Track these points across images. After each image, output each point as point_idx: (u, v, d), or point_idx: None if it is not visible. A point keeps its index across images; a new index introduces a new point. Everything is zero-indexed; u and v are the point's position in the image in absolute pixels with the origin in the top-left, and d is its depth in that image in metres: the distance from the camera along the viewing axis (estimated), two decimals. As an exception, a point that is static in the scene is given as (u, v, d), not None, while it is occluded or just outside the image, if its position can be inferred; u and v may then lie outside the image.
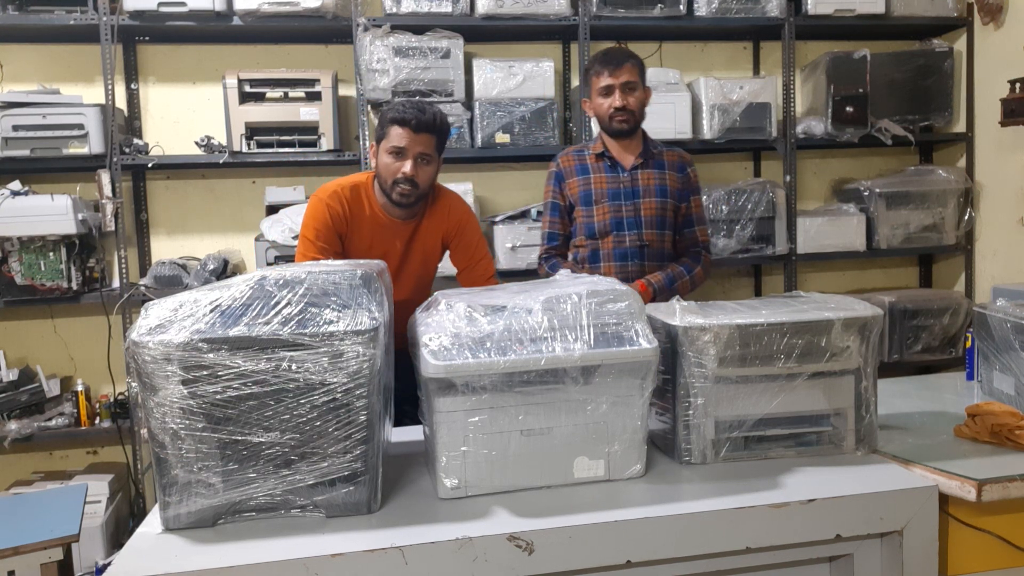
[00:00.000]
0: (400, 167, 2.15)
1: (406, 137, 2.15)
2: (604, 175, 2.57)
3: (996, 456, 1.57)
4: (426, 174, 2.19)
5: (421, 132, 2.16)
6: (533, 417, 1.45)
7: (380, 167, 2.20)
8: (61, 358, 3.53)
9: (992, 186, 3.77)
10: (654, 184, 2.57)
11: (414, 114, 2.15)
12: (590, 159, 2.60)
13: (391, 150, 2.16)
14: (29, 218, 3.08)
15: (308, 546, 1.28)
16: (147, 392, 1.30)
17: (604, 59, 2.52)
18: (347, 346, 1.32)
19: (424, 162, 2.18)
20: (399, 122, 2.15)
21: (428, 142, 2.18)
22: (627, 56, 2.53)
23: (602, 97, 2.51)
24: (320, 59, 3.66)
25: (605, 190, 2.56)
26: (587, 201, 2.57)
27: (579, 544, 1.33)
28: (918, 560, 1.45)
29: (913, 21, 3.75)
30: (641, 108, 2.54)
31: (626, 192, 2.55)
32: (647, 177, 2.57)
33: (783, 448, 1.61)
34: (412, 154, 2.15)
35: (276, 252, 3.24)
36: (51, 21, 3.18)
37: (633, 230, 2.55)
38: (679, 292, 2.52)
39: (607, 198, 2.55)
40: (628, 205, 2.55)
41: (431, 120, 2.17)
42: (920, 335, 3.72)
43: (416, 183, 2.17)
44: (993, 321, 1.89)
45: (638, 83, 2.52)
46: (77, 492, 2.40)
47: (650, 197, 2.56)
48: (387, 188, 2.19)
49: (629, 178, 2.56)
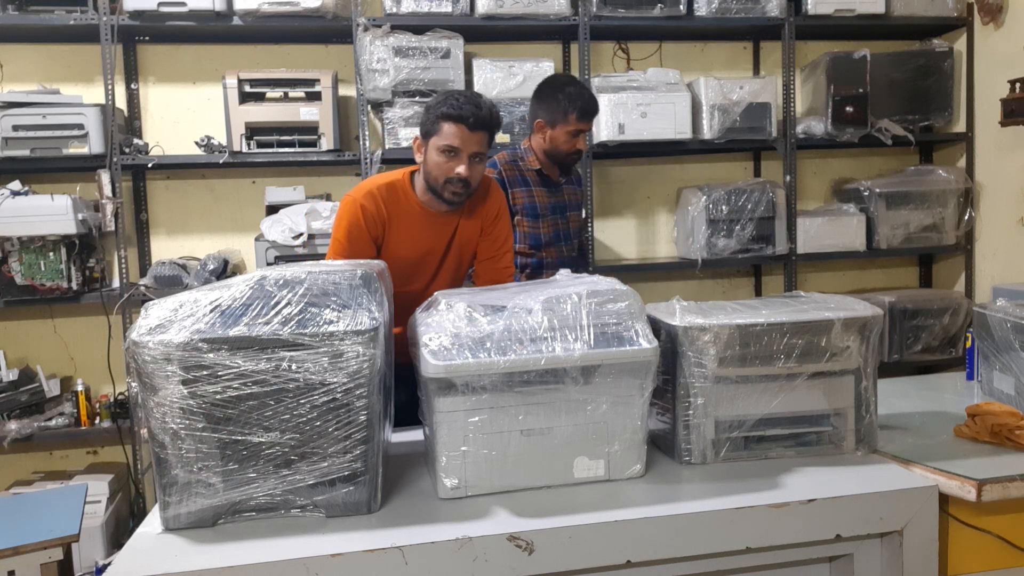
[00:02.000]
0: (453, 167, 2.01)
1: (460, 136, 1.99)
2: (543, 189, 2.68)
3: (996, 456, 1.57)
4: (478, 172, 2.07)
5: (477, 130, 2.00)
6: (533, 417, 1.45)
7: (430, 164, 2.05)
8: (61, 358, 3.53)
9: (992, 186, 3.77)
10: (575, 199, 2.80)
11: (471, 111, 1.98)
12: (529, 173, 2.66)
13: (444, 148, 2.00)
14: (29, 218, 3.08)
15: (308, 546, 1.28)
16: (147, 392, 1.30)
17: (586, 109, 2.59)
18: (347, 346, 1.32)
19: (478, 160, 2.04)
20: (454, 119, 1.98)
21: (483, 140, 2.03)
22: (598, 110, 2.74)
23: (571, 136, 2.61)
24: (320, 59, 3.66)
25: (547, 204, 2.67)
26: (533, 214, 2.64)
27: (579, 544, 1.33)
28: (918, 560, 1.45)
29: (913, 21, 3.75)
30: None
31: (559, 206, 2.71)
32: (569, 193, 2.77)
33: (783, 448, 1.61)
34: (467, 154, 2.00)
35: (276, 252, 3.24)
36: (51, 21, 3.18)
37: (567, 242, 2.74)
38: None
39: (549, 212, 2.68)
40: (562, 219, 2.72)
41: (487, 117, 2.02)
42: (920, 335, 3.72)
43: (469, 183, 2.04)
44: (993, 321, 1.89)
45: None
46: (77, 492, 2.40)
47: (573, 211, 2.78)
48: (437, 187, 2.05)
49: (561, 193, 2.73)
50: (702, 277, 4.00)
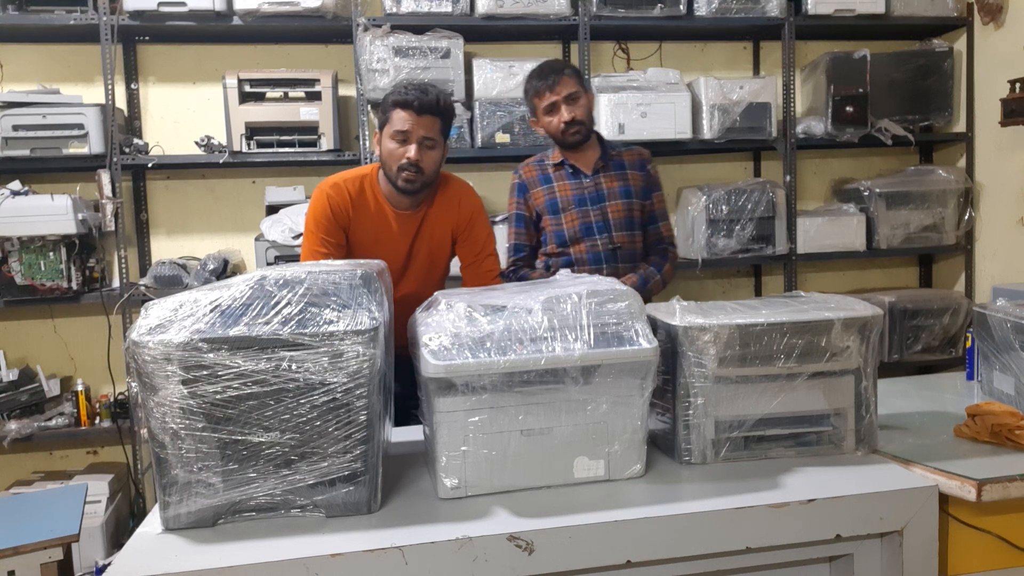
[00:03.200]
0: (404, 152, 2.08)
1: (409, 120, 2.07)
2: (567, 182, 2.57)
3: (996, 456, 1.57)
4: (431, 159, 2.12)
5: (424, 114, 2.08)
6: (533, 417, 1.45)
7: (383, 154, 2.13)
8: (61, 358, 3.53)
9: (992, 186, 3.77)
10: (617, 186, 2.57)
11: (416, 95, 2.07)
12: (551, 169, 2.60)
13: (394, 135, 2.09)
14: (29, 218, 3.08)
15: (308, 546, 1.28)
16: (147, 392, 1.30)
17: (540, 76, 2.49)
18: (347, 346, 1.32)
19: (428, 146, 2.11)
20: (401, 104, 2.08)
21: (432, 125, 2.10)
22: (562, 68, 2.50)
23: (548, 115, 2.49)
24: (320, 59, 3.66)
25: (571, 197, 2.55)
26: (554, 210, 2.57)
27: (579, 544, 1.32)
28: (918, 560, 1.45)
29: (913, 21, 3.75)
30: (589, 115, 2.53)
31: (591, 197, 2.55)
32: (610, 179, 2.57)
33: (783, 448, 1.61)
34: (416, 138, 2.08)
35: (276, 252, 3.24)
36: (51, 21, 3.18)
37: (603, 234, 2.55)
38: (653, 292, 2.52)
39: (574, 205, 2.55)
40: (595, 210, 2.55)
41: (434, 101, 2.09)
42: (920, 335, 3.72)
43: (421, 168, 2.09)
44: (993, 321, 1.89)
45: (580, 91, 2.49)
46: (77, 492, 2.40)
47: (615, 199, 2.56)
48: (392, 175, 2.12)
49: (592, 183, 2.56)
50: (702, 277, 4.00)
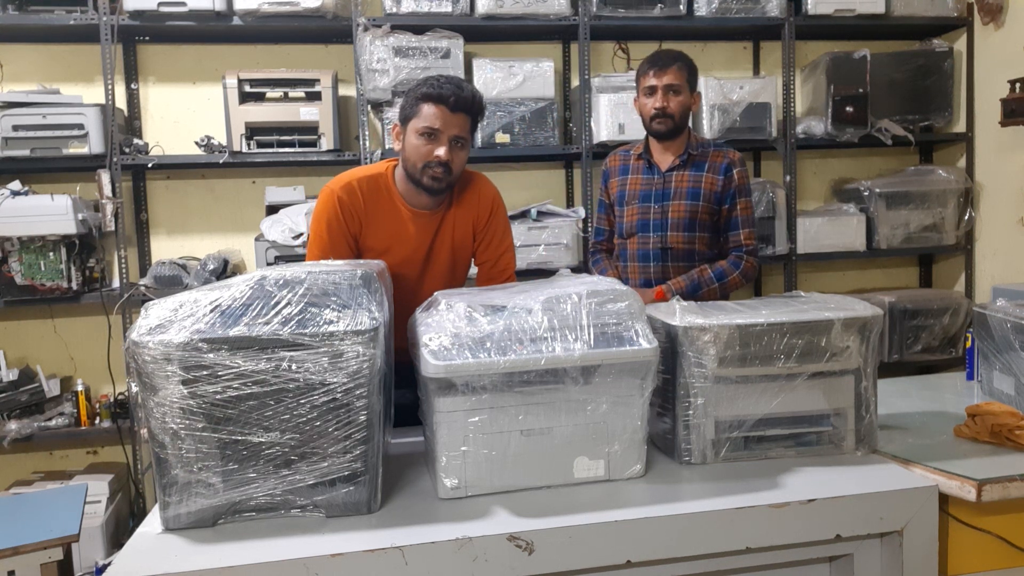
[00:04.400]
0: (432, 150, 1.92)
1: (441, 117, 1.91)
2: (640, 176, 2.58)
3: (996, 456, 1.57)
4: (460, 159, 1.98)
5: (458, 112, 1.93)
6: (533, 417, 1.45)
7: (408, 149, 1.97)
8: (61, 358, 3.53)
9: (992, 186, 3.77)
10: (687, 186, 2.52)
11: (452, 91, 1.91)
12: (633, 159, 2.62)
13: (423, 131, 1.93)
14: (29, 218, 3.08)
15: (308, 546, 1.28)
16: (147, 392, 1.30)
17: (652, 59, 2.49)
18: (347, 346, 1.32)
19: (459, 146, 1.96)
20: (434, 99, 1.92)
21: (464, 123, 1.96)
22: (675, 58, 2.48)
23: (646, 97, 2.49)
24: (320, 59, 3.66)
25: (637, 191, 2.57)
26: (621, 201, 2.60)
27: (579, 544, 1.33)
28: (918, 560, 1.45)
29: (913, 21, 3.75)
30: (684, 112, 2.49)
31: (657, 194, 2.54)
32: (681, 179, 2.53)
33: (783, 448, 1.61)
34: (447, 136, 1.93)
35: (276, 252, 3.24)
36: (51, 21, 3.18)
37: (657, 232, 2.53)
38: (706, 298, 2.42)
39: (637, 199, 2.56)
40: (656, 207, 2.53)
41: (470, 99, 1.95)
42: (920, 335, 3.72)
43: (450, 168, 1.95)
44: (993, 321, 1.89)
45: (683, 86, 2.46)
46: (77, 492, 2.40)
47: (680, 199, 2.51)
48: (415, 173, 1.96)
49: (662, 180, 2.54)
50: (702, 277, 3.99)
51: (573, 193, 3.87)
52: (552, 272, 3.36)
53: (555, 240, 3.44)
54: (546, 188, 3.87)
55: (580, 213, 3.54)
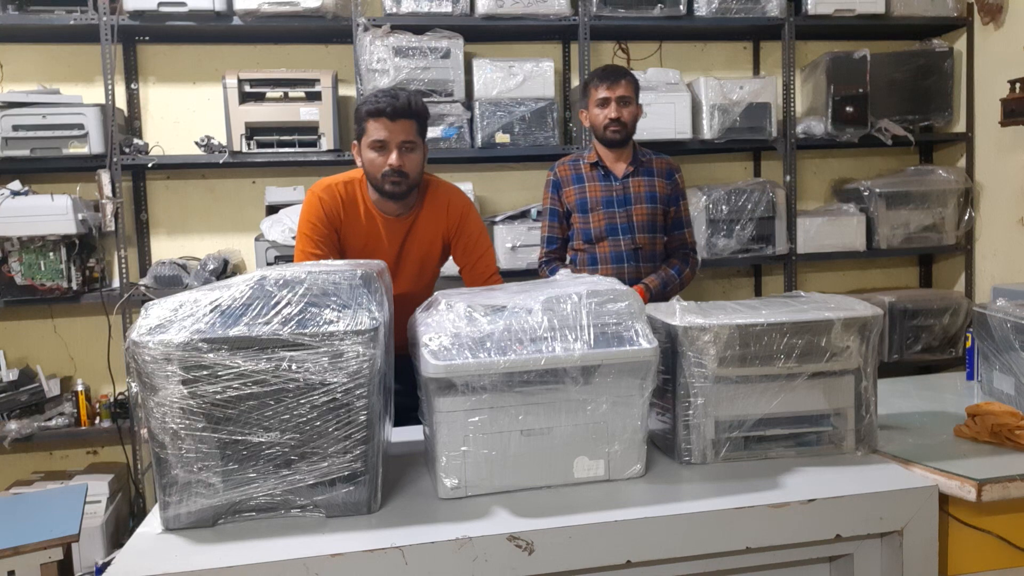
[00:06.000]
0: (385, 160, 2.10)
1: (384, 128, 2.09)
2: (598, 184, 2.74)
3: (996, 456, 1.57)
4: (413, 161, 2.13)
5: (398, 119, 2.09)
6: (533, 417, 1.45)
7: (366, 164, 2.14)
8: (61, 358, 3.53)
9: (992, 186, 3.77)
10: (644, 191, 2.73)
11: (388, 102, 2.08)
12: (584, 168, 2.76)
13: (372, 145, 2.10)
14: (29, 218, 3.08)
15: (308, 546, 1.28)
16: (147, 392, 1.30)
17: (603, 74, 2.69)
18: (347, 346, 1.32)
19: (408, 149, 2.11)
20: (374, 114, 2.09)
21: (408, 128, 2.11)
22: (625, 73, 2.70)
23: (598, 108, 2.68)
24: (320, 59, 3.66)
25: (599, 198, 2.73)
26: (583, 209, 2.74)
27: (579, 544, 1.33)
28: (918, 560, 1.45)
29: (913, 21, 3.75)
30: (634, 122, 2.71)
31: (619, 199, 2.72)
32: (638, 184, 2.73)
33: (783, 448, 1.61)
34: (394, 144, 2.09)
35: (276, 252, 3.24)
36: (51, 21, 3.18)
37: (627, 235, 2.71)
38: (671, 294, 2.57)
39: (601, 206, 2.72)
40: (621, 212, 2.71)
41: (406, 105, 2.10)
42: (920, 335, 3.72)
43: (405, 172, 2.11)
44: (993, 321, 1.89)
45: (632, 98, 2.68)
46: (77, 492, 2.40)
47: (641, 203, 2.72)
48: (377, 183, 2.14)
49: (621, 186, 2.73)
50: (702, 277, 3.99)
51: (573, 193, 3.86)
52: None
53: (555, 240, 3.44)
54: (546, 188, 3.86)
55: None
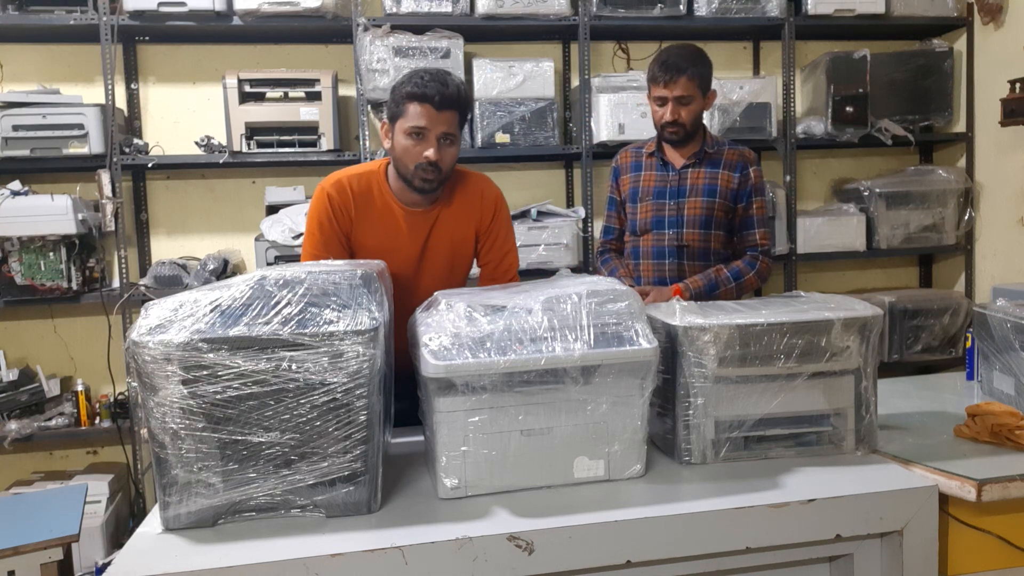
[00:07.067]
0: (422, 151, 1.89)
1: (427, 116, 1.88)
2: (654, 173, 2.52)
3: (996, 456, 1.57)
4: (450, 156, 1.95)
5: (444, 109, 1.88)
6: (533, 417, 1.45)
7: (397, 149, 1.93)
8: (61, 358, 3.53)
9: (992, 186, 3.77)
10: (703, 183, 2.47)
11: (436, 88, 1.87)
12: (645, 156, 2.56)
13: (410, 131, 1.89)
14: (29, 218, 3.08)
15: (308, 546, 1.28)
16: (147, 392, 1.30)
17: (662, 65, 2.40)
18: (347, 346, 1.32)
19: (448, 143, 1.92)
20: (419, 98, 1.88)
21: (452, 120, 1.91)
22: (684, 69, 2.38)
23: (657, 106, 2.45)
24: (320, 59, 3.66)
25: (651, 188, 2.51)
26: (634, 198, 2.54)
27: (579, 544, 1.33)
28: (918, 560, 1.45)
29: (913, 21, 3.75)
30: (695, 118, 2.45)
31: (672, 191, 2.48)
32: (696, 176, 2.48)
33: (783, 448, 1.61)
34: (435, 135, 1.89)
35: (276, 252, 3.24)
36: (51, 21, 3.18)
37: (672, 229, 2.47)
38: (723, 298, 2.37)
39: (652, 196, 2.50)
40: (672, 204, 2.48)
41: (455, 95, 1.90)
42: (920, 335, 3.72)
43: (440, 168, 1.92)
44: (993, 321, 1.89)
45: (694, 96, 2.40)
46: (77, 492, 2.40)
47: (696, 196, 2.46)
48: (407, 173, 1.94)
49: (677, 177, 2.49)
50: (702, 277, 3.99)
51: (573, 193, 3.87)
52: (552, 272, 3.37)
53: (555, 240, 3.44)
54: (546, 188, 3.87)
55: (580, 213, 3.54)
